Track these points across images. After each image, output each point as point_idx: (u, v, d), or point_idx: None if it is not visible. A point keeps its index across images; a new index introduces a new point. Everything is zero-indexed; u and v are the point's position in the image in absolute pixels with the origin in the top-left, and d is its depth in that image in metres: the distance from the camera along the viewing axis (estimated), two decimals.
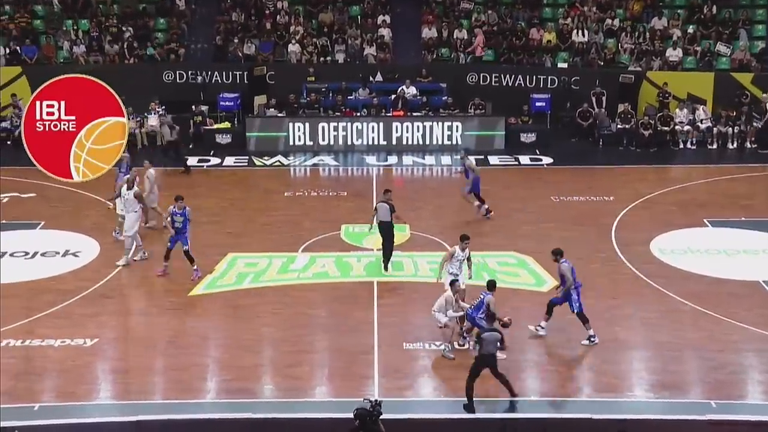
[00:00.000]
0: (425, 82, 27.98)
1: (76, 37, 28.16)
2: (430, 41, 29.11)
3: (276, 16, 29.55)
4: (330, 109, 26.78)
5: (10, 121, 25.62)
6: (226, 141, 26.04)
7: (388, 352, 14.29)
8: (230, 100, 26.99)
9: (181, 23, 29.17)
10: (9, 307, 15.61)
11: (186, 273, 16.98)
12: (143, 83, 26.69)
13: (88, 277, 16.93)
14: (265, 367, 14.21)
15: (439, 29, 29.36)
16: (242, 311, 15.77)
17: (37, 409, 12.46)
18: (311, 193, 22.35)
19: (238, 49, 28.35)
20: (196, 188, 22.66)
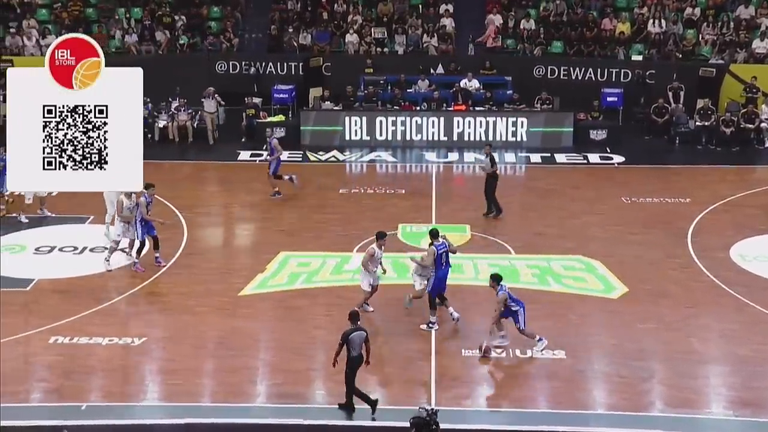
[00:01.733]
0: (489, 74, 27.86)
1: (129, 26, 28.70)
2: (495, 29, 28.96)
3: (333, 4, 29.73)
4: (388, 102, 26.84)
5: None
6: (279, 134, 26.25)
7: (446, 359, 14.28)
8: (285, 92, 27.23)
9: (236, 12, 29.51)
10: (57, 303, 16.02)
11: (235, 273, 17.20)
12: (195, 74, 27.12)
13: (136, 274, 17.23)
14: (317, 372, 14.30)
15: (505, 19, 29.20)
16: (294, 313, 15.90)
17: (85, 408, 12.74)
18: (367, 191, 22.43)
19: (294, 39, 28.58)
20: (248, 183, 22.95)
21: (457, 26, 29.31)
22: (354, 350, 12.58)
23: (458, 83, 27.11)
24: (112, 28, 28.66)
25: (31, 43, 27.63)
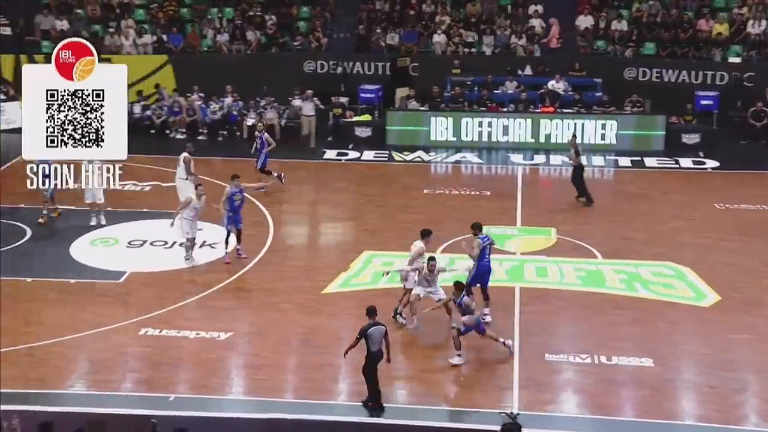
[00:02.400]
0: (578, 76, 27.50)
1: (220, 25, 29.27)
2: (585, 30, 28.59)
3: (421, 5, 29.75)
4: (475, 103, 26.74)
5: (152, 110, 26.88)
6: (365, 134, 26.44)
7: (530, 363, 14.15)
8: (371, 91, 27.38)
9: (325, 12, 29.81)
10: (148, 296, 16.46)
11: (319, 271, 17.39)
12: (284, 73, 27.50)
13: (223, 269, 17.57)
14: (399, 371, 14.34)
15: (596, 20, 28.78)
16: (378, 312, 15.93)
17: (173, 399, 13.05)
18: (452, 192, 22.39)
19: (381, 39, 28.72)
20: (334, 182, 23.17)
21: (547, 27, 28.99)
22: (373, 345, 12.61)
23: (546, 85, 26.83)
24: (205, 27, 29.26)
25: (128, 42, 28.42)
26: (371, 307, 13.04)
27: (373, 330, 12.65)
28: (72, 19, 29.16)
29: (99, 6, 29.71)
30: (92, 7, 29.57)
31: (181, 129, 26.51)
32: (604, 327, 15.45)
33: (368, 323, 12.74)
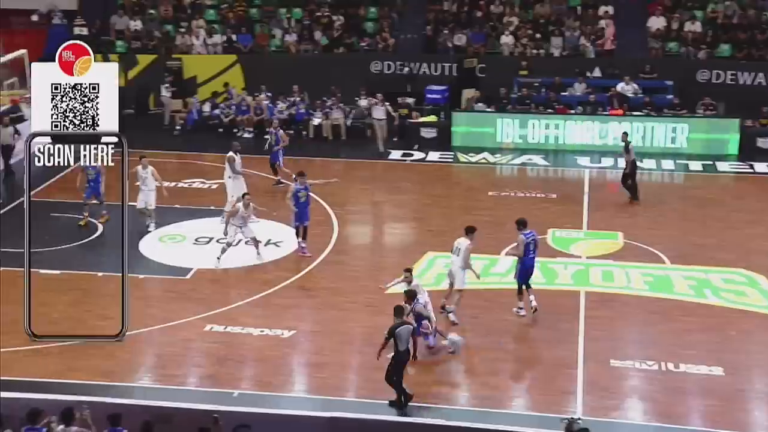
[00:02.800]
0: (648, 78, 27.05)
1: (289, 25, 29.54)
2: (657, 32, 28.11)
3: (490, 6, 29.61)
4: (542, 105, 26.50)
5: (221, 109, 27.25)
6: (431, 135, 26.40)
7: (594, 368, 13.97)
8: (438, 92, 27.33)
9: (392, 13, 29.86)
10: (214, 292, 16.69)
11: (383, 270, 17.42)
12: (351, 73, 27.62)
13: (288, 267, 17.73)
14: (462, 373, 14.31)
15: (668, 21, 28.28)
16: (439, 314, 15.92)
17: (237, 395, 13.21)
18: (517, 194, 22.22)
19: (448, 40, 28.65)
20: (398, 183, 23.19)
21: (617, 28, 28.59)
22: (401, 344, 12.61)
23: (615, 87, 26.45)
24: (274, 27, 29.57)
25: (199, 42, 28.88)
26: (398, 306, 13.15)
27: (402, 329, 12.71)
28: (145, 19, 29.75)
29: (171, 6, 30.25)
30: (165, 7, 30.13)
31: (249, 128, 26.82)
32: (671, 333, 15.17)
33: (396, 323, 12.77)
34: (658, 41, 28.01)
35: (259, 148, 25.27)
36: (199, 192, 21.87)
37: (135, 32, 29.21)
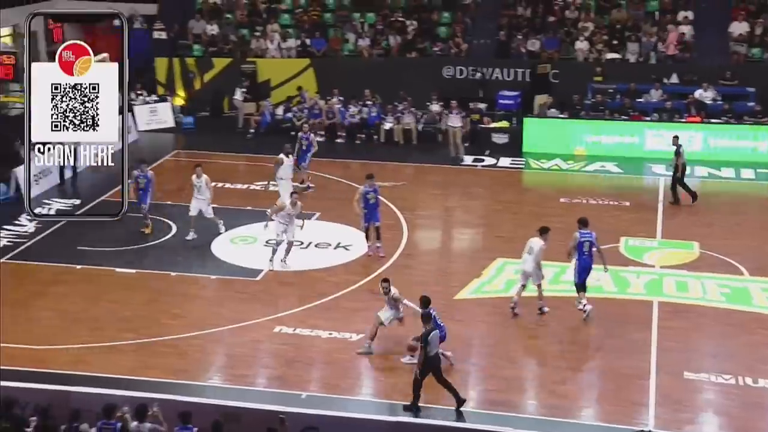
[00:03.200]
0: (729, 85, 26.41)
1: (362, 30, 29.68)
2: (739, 37, 27.43)
3: (564, 11, 29.29)
4: (616, 111, 26.09)
5: (293, 113, 27.49)
6: (502, 141, 26.23)
7: (667, 380, 13.68)
8: (510, 98, 27.14)
9: (465, 18, 29.76)
10: (283, 294, 16.85)
11: (452, 276, 17.36)
12: (423, 78, 27.61)
13: (357, 271, 17.78)
14: (530, 381, 14.17)
15: (752, 27, 27.58)
16: (509, 320, 15.82)
17: (305, 397, 13.30)
18: (589, 201, 21.91)
19: (522, 46, 28.43)
20: (469, 188, 23.09)
21: (696, 34, 27.98)
22: (431, 350, 12.63)
23: (693, 94, 25.90)
24: (347, 32, 29.73)
25: (273, 46, 29.21)
26: (426, 312, 13.14)
27: (433, 335, 12.75)
28: (221, 23, 30.22)
29: (247, 11, 30.67)
30: (241, 12, 30.56)
31: (320, 132, 27.01)
32: (749, 347, 14.77)
33: (427, 329, 12.81)
34: (741, 46, 27.30)
35: (330, 152, 25.49)
36: (270, 194, 22.06)
37: (211, 36, 29.69)
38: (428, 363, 12.73)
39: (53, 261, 18.09)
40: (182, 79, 29.18)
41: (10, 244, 18.84)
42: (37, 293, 16.81)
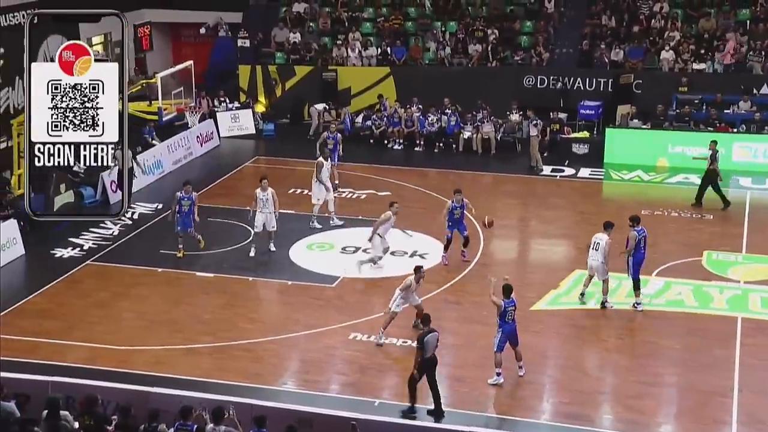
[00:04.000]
0: None
1: (443, 38, 29.70)
2: None
3: (650, 20, 28.79)
4: (702, 122, 25.50)
5: (372, 120, 27.65)
6: (582, 151, 25.90)
7: (751, 398, 13.31)
8: (591, 108, 26.80)
9: (548, 26, 29.51)
10: (358, 301, 16.94)
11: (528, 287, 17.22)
12: (503, 87, 27.48)
13: (433, 279, 17.72)
14: (606, 395, 13.94)
15: None
16: (585, 332, 15.61)
17: (378, 404, 13.33)
18: (671, 213, 21.46)
19: (605, 55, 28.05)
20: (548, 198, 22.86)
21: None
22: (427, 352, 12.80)
23: None
24: (428, 40, 29.80)
25: (354, 54, 29.46)
26: (426, 314, 13.47)
27: (429, 337, 12.93)
28: (304, 32, 30.63)
29: (330, 19, 31.02)
30: (323, 20, 30.93)
31: (399, 140, 27.11)
32: None
33: (424, 330, 13.07)
34: (735, 55, 26.35)
35: (409, 161, 25.56)
36: (348, 201, 22.27)
37: (294, 44, 30.11)
38: (425, 364, 12.94)
39: (135, 264, 18.56)
40: (264, 86, 29.65)
41: (95, 246, 19.41)
42: (119, 294, 17.27)
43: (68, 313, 16.29)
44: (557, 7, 30.17)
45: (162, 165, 24.33)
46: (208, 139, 27.00)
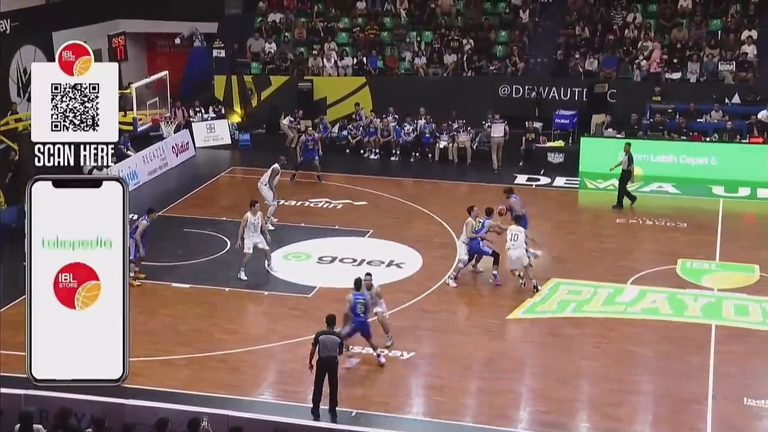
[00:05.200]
0: None
1: (419, 48, 29.80)
2: None
3: (624, 30, 29.05)
4: (675, 131, 25.74)
5: (348, 130, 27.67)
6: (558, 160, 26.05)
7: (726, 406, 13.41)
8: (566, 117, 26.98)
9: (523, 36, 29.70)
10: (336, 311, 16.83)
11: (505, 296, 17.27)
12: (479, 96, 27.61)
13: (409, 289, 17.78)
14: (583, 403, 14.01)
15: None
16: (562, 341, 15.68)
17: (354, 415, 13.31)
18: (646, 222, 21.63)
19: (579, 65, 28.27)
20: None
21: (760, 54, 27.49)
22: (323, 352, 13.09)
23: (756, 114, 25.44)
24: (404, 50, 29.88)
25: (330, 64, 29.49)
26: (331, 316, 13.62)
27: (325, 338, 13.18)
28: (280, 42, 30.62)
29: (305, 29, 31.03)
30: (299, 30, 30.94)
31: (375, 149, 27.14)
32: None
33: (325, 330, 13.35)
34: None
35: (385, 170, 25.59)
36: (323, 211, 22.27)
37: (269, 54, 30.09)
38: (320, 363, 13.15)
39: None
40: (240, 96, 29.60)
41: None
42: None
43: None
44: (532, 17, 30.40)
45: (137, 175, 24.20)
46: (184, 150, 26.90)
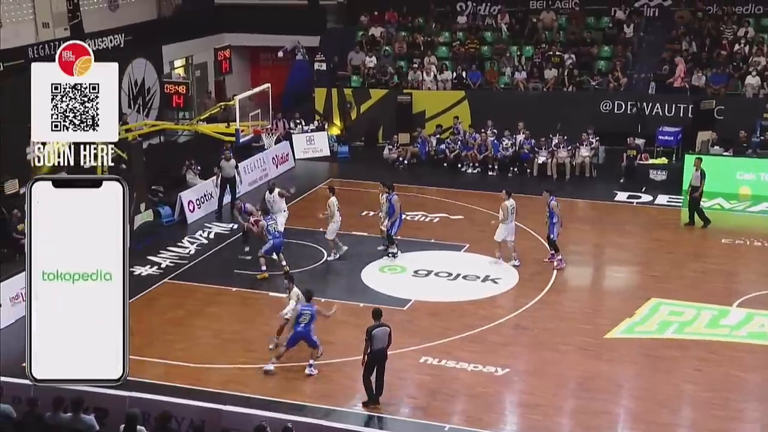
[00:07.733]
0: None
1: (519, 63, 29.63)
2: None
3: (734, 45, 28.26)
4: None
5: (446, 144, 27.67)
6: (660, 178, 25.48)
7: None
8: (670, 134, 26.38)
9: (627, 52, 29.21)
10: (430, 325, 16.92)
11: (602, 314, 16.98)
12: (579, 112, 27.25)
13: (504, 305, 17.68)
14: (684, 428, 13.65)
15: None
16: (661, 363, 15.32)
17: (448, 430, 13.29)
18: (754, 243, 20.94)
19: (686, 81, 27.59)
20: (623, 225, 22.53)
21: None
22: (375, 345, 13.29)
23: None
24: (504, 65, 29.76)
25: (429, 77, 29.58)
26: (377, 309, 13.98)
27: (378, 330, 13.30)
28: (380, 55, 30.91)
29: (405, 43, 31.24)
30: (399, 44, 31.17)
31: (474, 164, 27.07)
32: None
33: (374, 324, 13.46)
34: None
35: (482, 184, 25.50)
36: (420, 224, 22.33)
37: (370, 68, 30.39)
38: (372, 356, 13.30)
39: (211, 282, 18.89)
40: (339, 109, 29.98)
41: (172, 264, 19.84)
42: (195, 312, 17.59)
43: (146, 330, 16.64)
44: (636, 31, 29.86)
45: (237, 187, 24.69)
46: (284, 161, 27.39)
